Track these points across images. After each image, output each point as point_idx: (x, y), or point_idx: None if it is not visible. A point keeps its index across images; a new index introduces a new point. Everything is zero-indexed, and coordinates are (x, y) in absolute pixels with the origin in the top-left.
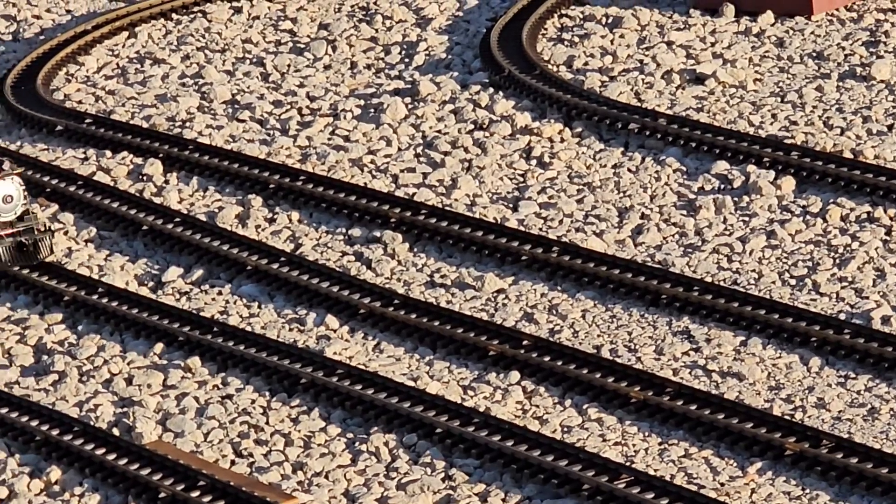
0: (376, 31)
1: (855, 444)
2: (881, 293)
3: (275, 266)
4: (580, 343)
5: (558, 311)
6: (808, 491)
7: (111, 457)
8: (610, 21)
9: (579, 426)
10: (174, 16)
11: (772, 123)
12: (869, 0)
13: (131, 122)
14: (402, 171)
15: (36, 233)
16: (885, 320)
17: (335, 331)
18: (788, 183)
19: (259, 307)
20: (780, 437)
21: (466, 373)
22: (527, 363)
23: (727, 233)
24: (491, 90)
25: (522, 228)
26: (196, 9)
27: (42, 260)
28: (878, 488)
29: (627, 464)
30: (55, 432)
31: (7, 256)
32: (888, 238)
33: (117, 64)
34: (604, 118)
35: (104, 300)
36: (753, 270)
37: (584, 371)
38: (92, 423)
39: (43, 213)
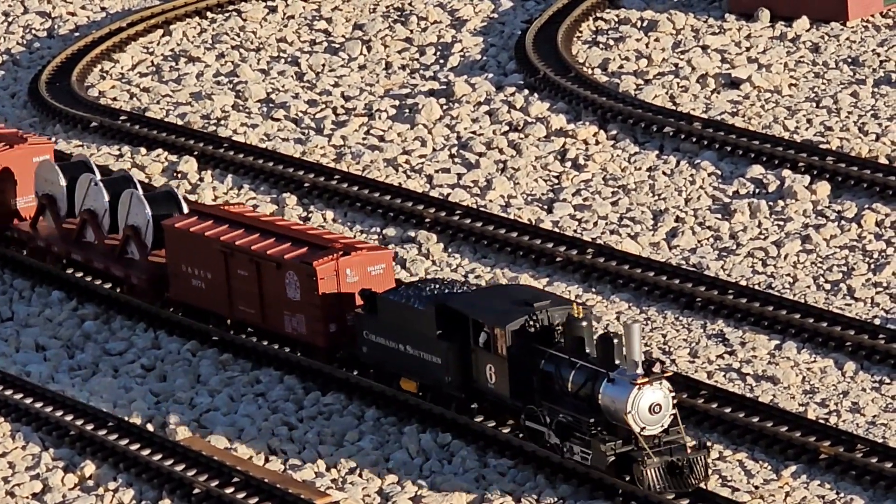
0: (411, 31)
1: (889, 449)
2: None
3: None
4: None
5: (593, 313)
6: (842, 495)
7: (146, 452)
8: (645, 24)
9: None
10: (209, 14)
11: (807, 128)
12: None
13: (166, 119)
14: (436, 171)
15: (688, 450)
16: None
17: None
18: (823, 188)
19: None
20: (814, 441)
21: None
22: None
23: (762, 237)
24: (526, 92)
25: (557, 230)
26: (231, 7)
27: (696, 486)
28: None
29: None
30: (90, 427)
31: (655, 479)
32: None
33: (152, 61)
34: (639, 121)
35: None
36: (788, 274)
37: None
38: (126, 419)
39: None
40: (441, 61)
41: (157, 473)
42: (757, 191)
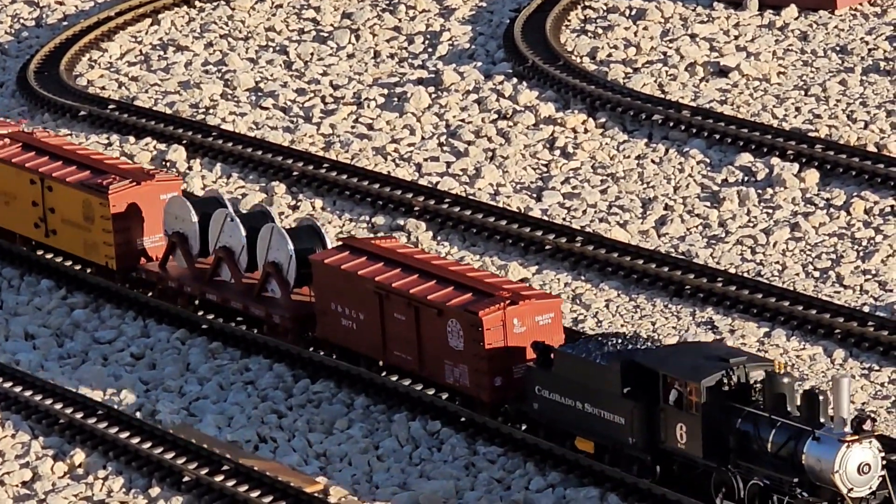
0: (399, 20)
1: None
2: None
3: None
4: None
5: (582, 301)
6: None
7: (135, 440)
8: (633, 13)
9: None
10: (197, 3)
11: (795, 116)
12: None
13: (154, 108)
14: (425, 159)
15: None
16: None
17: None
18: (812, 176)
19: None
20: None
21: None
22: None
23: (751, 225)
24: (514, 80)
25: (546, 218)
26: None
27: None
28: None
29: None
30: (79, 415)
31: None
32: None
33: (140, 50)
34: (627, 109)
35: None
36: (777, 262)
37: None
38: (116, 407)
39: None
40: (430, 50)
41: (147, 461)
42: (746, 179)
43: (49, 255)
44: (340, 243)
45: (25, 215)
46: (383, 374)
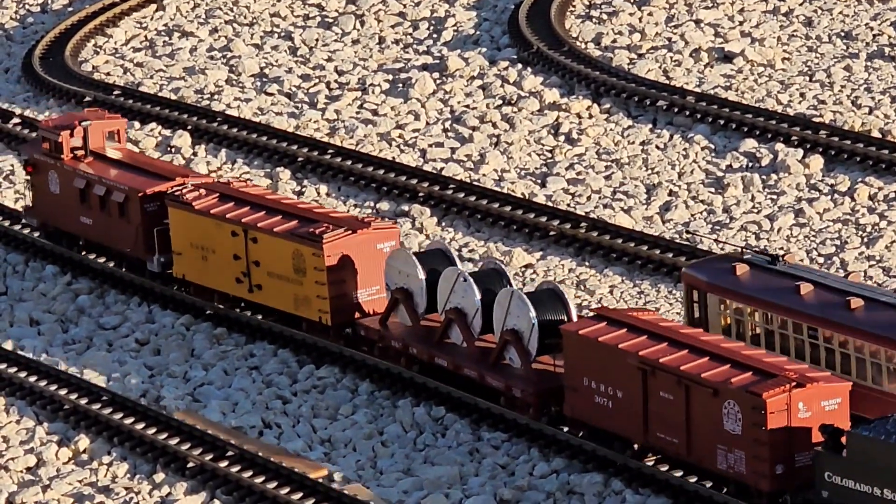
0: (404, 6)
1: None
2: None
3: None
4: None
5: (586, 287)
6: None
7: (140, 426)
8: None
9: None
10: None
11: (800, 102)
12: None
13: (160, 94)
14: (430, 145)
15: None
16: None
17: None
18: (817, 161)
19: None
20: None
21: None
22: None
23: (755, 210)
24: (519, 66)
25: (550, 204)
26: None
27: None
28: None
29: None
30: (84, 401)
31: None
32: None
33: (145, 36)
34: (632, 95)
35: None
36: (781, 248)
37: None
38: (120, 393)
39: None
40: (434, 36)
41: (152, 447)
42: (750, 164)
43: (170, 288)
44: (595, 313)
45: (226, 270)
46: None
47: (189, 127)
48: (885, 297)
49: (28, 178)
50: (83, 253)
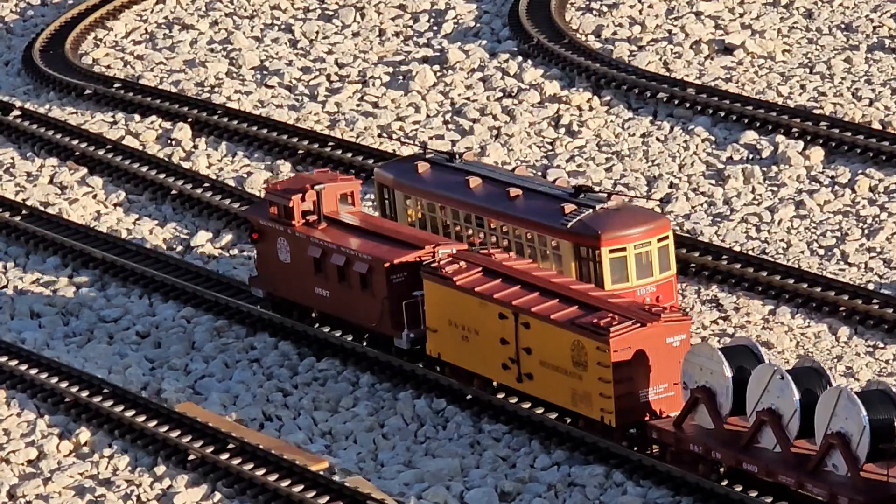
0: None
1: None
2: None
3: None
4: None
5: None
6: None
7: (141, 419)
8: None
9: None
10: None
11: (800, 94)
12: None
13: (160, 86)
14: (430, 137)
15: None
16: None
17: None
18: (817, 153)
19: None
20: None
21: None
22: None
23: (756, 202)
24: (519, 58)
25: None
26: None
27: None
28: None
29: None
30: (85, 394)
31: None
32: None
33: (146, 29)
34: (632, 87)
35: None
36: (782, 240)
37: None
38: (121, 385)
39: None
40: (435, 28)
41: (153, 440)
42: (750, 156)
43: (55, 231)
44: None
45: (491, 354)
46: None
47: (189, 120)
48: (542, 188)
49: (253, 244)
50: (316, 326)
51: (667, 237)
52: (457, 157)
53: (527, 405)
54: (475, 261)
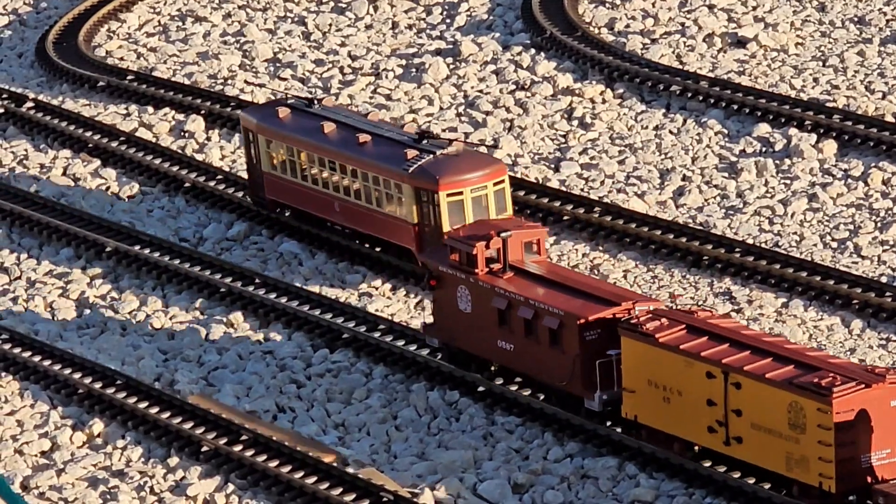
0: None
1: None
2: None
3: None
4: None
5: (600, 271)
6: None
7: (154, 410)
8: None
9: None
10: None
11: (813, 87)
12: None
13: (173, 79)
14: (443, 130)
15: None
16: None
17: (377, 288)
18: (830, 146)
19: (300, 264)
20: None
21: None
22: None
23: (769, 195)
24: (532, 51)
25: (564, 189)
26: None
27: None
28: None
29: None
30: (98, 385)
31: None
32: None
33: (159, 21)
34: (645, 80)
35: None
36: (795, 233)
37: None
38: (134, 377)
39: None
40: (448, 21)
41: (166, 431)
42: (763, 149)
43: (68, 223)
44: None
45: (695, 417)
46: (402, 343)
47: (202, 112)
48: (389, 133)
49: (430, 291)
50: (494, 381)
51: (503, 181)
52: (315, 102)
53: (540, 397)
54: (678, 318)
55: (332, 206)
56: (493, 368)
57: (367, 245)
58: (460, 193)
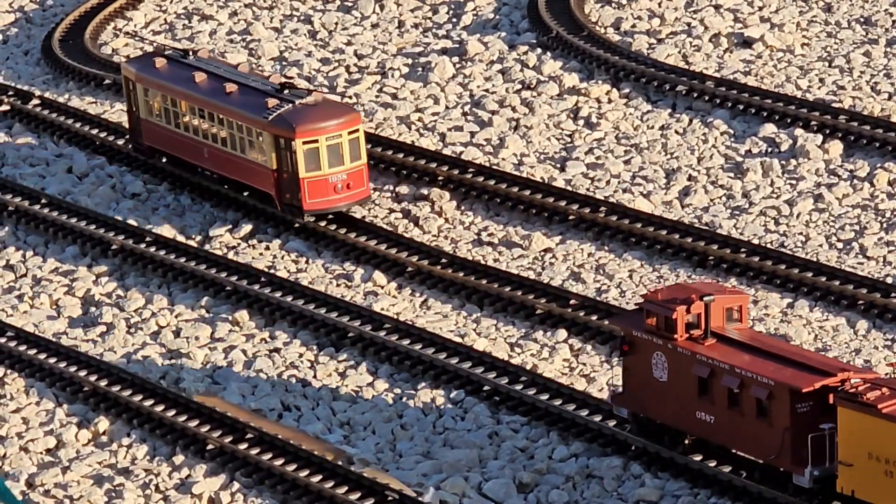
0: None
1: None
2: None
3: (322, 223)
4: (627, 302)
5: (605, 271)
6: None
7: (159, 408)
8: None
9: None
10: None
11: (819, 88)
12: None
13: None
14: (449, 129)
15: None
16: None
17: (383, 287)
18: (836, 147)
19: (307, 262)
20: None
21: (513, 330)
22: (574, 321)
23: (774, 195)
24: (538, 51)
25: (570, 188)
26: None
27: None
28: None
29: None
30: (104, 383)
31: None
32: None
33: (165, 19)
34: (651, 80)
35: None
36: (800, 233)
37: None
38: (140, 375)
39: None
40: (454, 20)
41: (171, 429)
42: (769, 150)
43: (73, 220)
44: None
45: None
46: (408, 342)
47: None
48: (255, 83)
49: (621, 358)
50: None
51: (357, 130)
52: (190, 53)
53: (544, 396)
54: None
55: (202, 152)
56: (686, 441)
57: (230, 189)
58: (316, 141)
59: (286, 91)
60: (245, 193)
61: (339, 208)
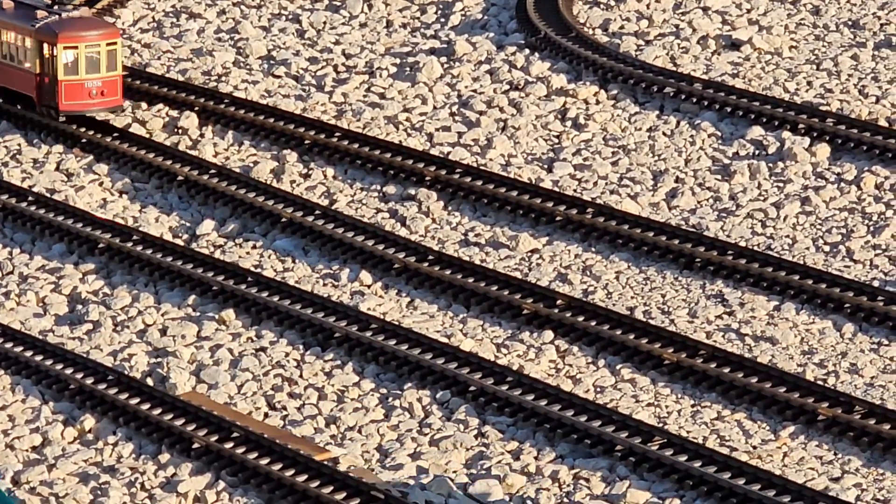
0: None
1: (887, 410)
2: None
3: (309, 220)
4: (613, 304)
5: (592, 272)
6: (840, 456)
7: (145, 406)
8: None
9: (612, 386)
10: None
11: (807, 90)
12: None
13: (167, 75)
14: (437, 129)
15: None
16: None
17: (369, 286)
18: (823, 150)
19: (293, 261)
20: (812, 402)
21: (500, 331)
22: (560, 322)
23: (761, 198)
24: (527, 51)
25: (557, 189)
26: None
27: None
28: None
29: (660, 425)
30: (90, 381)
31: None
32: None
33: (153, 17)
34: (639, 81)
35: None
36: (787, 236)
37: (618, 332)
38: (126, 373)
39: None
40: (442, 20)
41: (157, 428)
42: (757, 152)
43: (61, 218)
44: None
45: None
46: (394, 343)
47: (196, 108)
48: (31, 1)
49: None
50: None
51: (115, 42)
52: None
53: (530, 397)
54: None
55: None
56: None
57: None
58: (76, 48)
59: (56, 6)
60: (17, 105)
61: (93, 112)
